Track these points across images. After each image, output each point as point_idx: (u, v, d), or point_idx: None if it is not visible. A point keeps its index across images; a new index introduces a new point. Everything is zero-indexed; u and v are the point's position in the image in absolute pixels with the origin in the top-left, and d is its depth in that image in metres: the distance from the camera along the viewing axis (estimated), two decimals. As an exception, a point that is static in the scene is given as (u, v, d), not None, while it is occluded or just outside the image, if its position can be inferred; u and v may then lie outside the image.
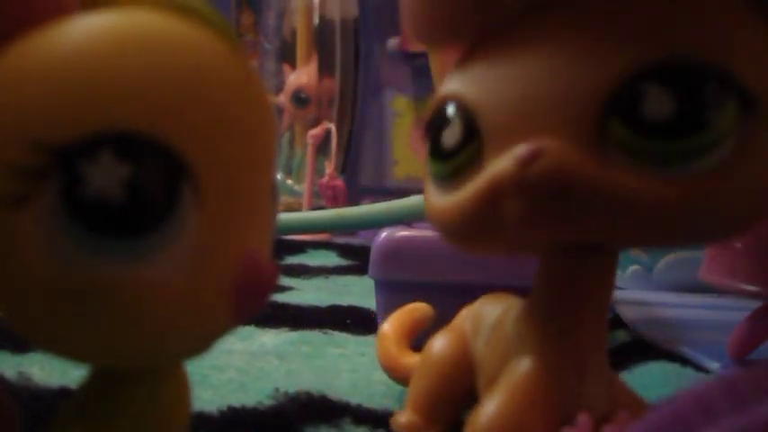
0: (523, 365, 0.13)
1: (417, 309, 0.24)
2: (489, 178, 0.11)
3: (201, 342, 0.10)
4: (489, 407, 0.13)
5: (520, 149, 0.11)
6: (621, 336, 0.39)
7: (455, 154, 0.12)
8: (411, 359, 0.23)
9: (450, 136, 0.12)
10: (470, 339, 0.16)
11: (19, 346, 0.29)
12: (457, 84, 0.12)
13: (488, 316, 0.15)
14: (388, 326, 0.24)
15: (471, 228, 0.12)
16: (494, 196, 0.11)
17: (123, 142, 0.09)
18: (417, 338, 0.24)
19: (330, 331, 0.38)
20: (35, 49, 0.09)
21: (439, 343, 0.18)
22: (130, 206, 0.09)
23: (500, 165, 0.11)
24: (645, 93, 0.10)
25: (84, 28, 0.09)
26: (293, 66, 1.06)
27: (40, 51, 0.09)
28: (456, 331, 0.18)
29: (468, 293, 0.20)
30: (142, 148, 0.09)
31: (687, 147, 0.10)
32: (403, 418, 0.19)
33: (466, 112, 0.12)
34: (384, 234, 0.33)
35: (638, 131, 0.10)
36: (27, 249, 0.09)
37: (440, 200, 0.12)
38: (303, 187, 0.98)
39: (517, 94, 0.11)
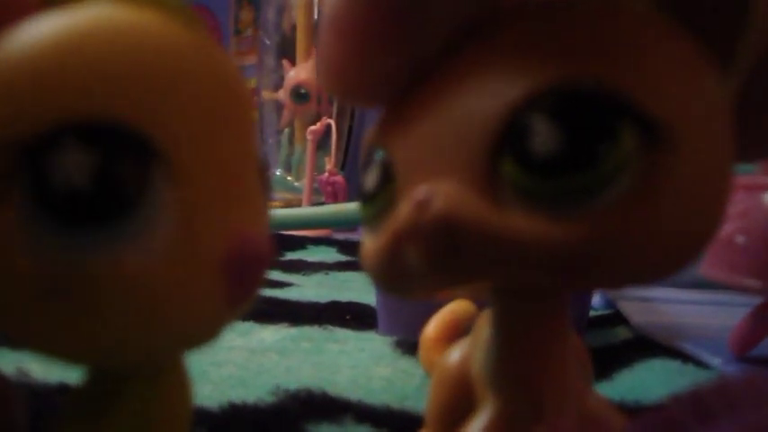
0: (481, 420, 0.13)
1: (458, 308, 0.24)
2: (392, 226, 0.10)
3: (199, 329, 0.10)
4: None
5: (414, 194, 0.10)
6: (623, 332, 0.39)
7: (374, 197, 0.11)
8: None
9: (371, 179, 0.11)
10: (471, 354, 0.16)
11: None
12: (379, 124, 0.12)
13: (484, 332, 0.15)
14: (430, 329, 0.24)
15: (386, 276, 0.11)
16: (396, 245, 0.10)
17: (84, 130, 0.09)
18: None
19: (330, 327, 0.38)
20: None
21: (451, 356, 0.17)
22: (99, 192, 0.09)
23: (401, 212, 0.10)
24: (532, 126, 0.09)
25: (36, 26, 0.09)
26: (293, 61, 1.06)
27: None
28: (471, 341, 0.17)
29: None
30: (104, 133, 0.09)
31: (579, 184, 0.09)
32: None
33: (383, 155, 0.11)
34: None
35: (528, 170, 0.09)
36: (4, 249, 0.09)
37: (366, 243, 0.12)
38: (303, 183, 0.98)
39: (422, 134, 0.10)
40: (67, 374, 0.26)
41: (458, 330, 0.23)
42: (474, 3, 0.10)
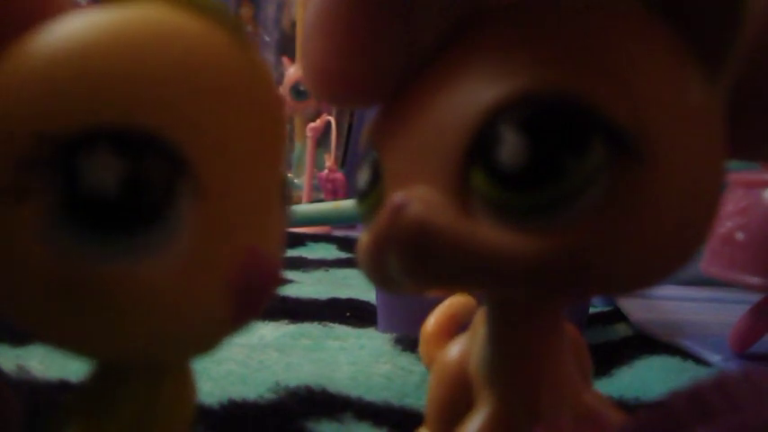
0: (479, 418, 0.13)
1: (457, 302, 0.24)
2: (373, 230, 0.10)
3: (201, 341, 0.10)
4: None
5: (391, 200, 0.10)
6: (622, 329, 0.39)
7: (366, 196, 0.11)
8: None
9: (362, 177, 0.11)
10: (470, 350, 0.16)
11: (18, 339, 0.29)
12: (373, 122, 0.12)
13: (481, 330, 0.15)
14: (429, 323, 0.24)
15: (373, 275, 0.11)
16: (376, 249, 0.10)
17: (120, 138, 0.09)
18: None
19: (330, 324, 0.38)
20: (37, 46, 0.09)
21: (450, 351, 0.17)
22: (126, 201, 0.09)
23: (380, 217, 0.10)
24: (500, 137, 0.09)
25: (84, 24, 0.09)
26: (292, 58, 1.06)
27: (42, 48, 0.09)
28: (469, 336, 0.17)
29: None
30: (139, 143, 0.09)
31: (546, 197, 0.09)
32: None
33: (374, 154, 0.11)
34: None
35: (495, 182, 0.09)
36: (27, 242, 0.09)
37: (361, 239, 0.12)
38: (303, 180, 0.98)
39: (405, 137, 0.10)
40: (68, 372, 0.26)
41: (458, 324, 0.23)
42: (461, 2, 0.10)
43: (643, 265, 0.09)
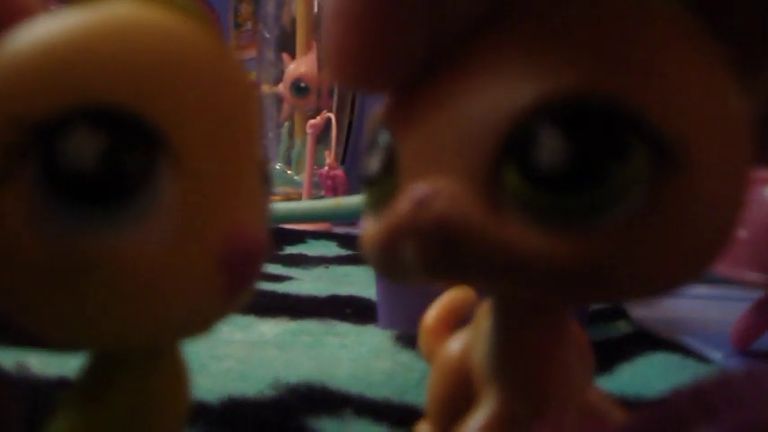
0: (482, 414, 0.13)
1: (458, 296, 0.24)
2: (390, 220, 0.10)
3: (193, 317, 0.10)
4: None
5: (415, 191, 0.10)
6: (623, 326, 0.39)
7: (376, 183, 0.11)
8: None
9: (374, 163, 0.11)
10: (471, 345, 0.16)
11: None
12: (388, 106, 0.11)
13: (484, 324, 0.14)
14: (430, 317, 0.24)
15: (382, 265, 0.11)
16: (392, 239, 0.10)
17: (96, 116, 0.09)
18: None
19: (330, 321, 0.38)
20: (10, 43, 0.09)
21: (452, 346, 0.17)
22: (104, 175, 0.09)
23: (399, 206, 0.10)
24: (538, 137, 0.09)
25: (55, 21, 0.09)
26: (293, 55, 1.06)
27: (16, 44, 0.09)
28: (471, 331, 0.17)
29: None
30: (114, 120, 0.09)
31: (583, 201, 0.09)
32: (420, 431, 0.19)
33: (388, 140, 0.11)
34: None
35: (530, 182, 0.09)
36: (11, 223, 0.09)
37: (367, 227, 0.11)
38: (303, 177, 0.98)
39: (430, 127, 0.10)
40: (67, 369, 0.26)
41: (458, 318, 0.23)
42: None
43: (670, 273, 0.09)
